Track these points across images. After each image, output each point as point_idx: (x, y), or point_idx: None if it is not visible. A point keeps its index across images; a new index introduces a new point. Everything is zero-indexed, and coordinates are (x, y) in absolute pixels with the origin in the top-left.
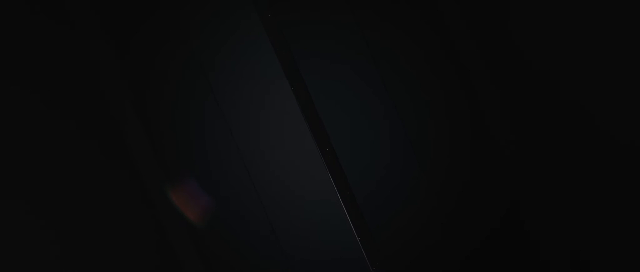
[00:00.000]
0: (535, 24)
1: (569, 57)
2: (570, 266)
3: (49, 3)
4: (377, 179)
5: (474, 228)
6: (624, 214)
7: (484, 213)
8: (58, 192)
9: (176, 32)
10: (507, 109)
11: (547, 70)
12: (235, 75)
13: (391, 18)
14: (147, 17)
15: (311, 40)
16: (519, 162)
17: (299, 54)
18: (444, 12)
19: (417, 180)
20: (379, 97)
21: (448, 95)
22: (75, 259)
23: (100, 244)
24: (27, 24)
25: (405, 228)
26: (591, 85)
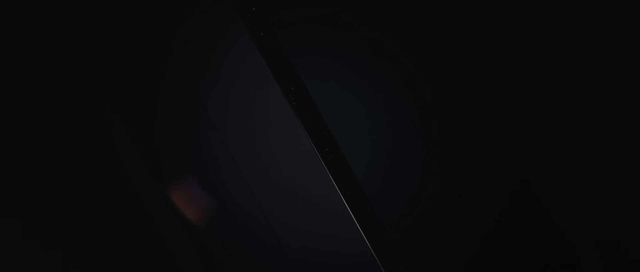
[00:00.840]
0: (536, 6)
1: (571, 35)
2: (596, 248)
3: (29, 27)
4: (384, 172)
5: (486, 215)
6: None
7: (495, 198)
8: (55, 211)
9: (163, 45)
10: (512, 91)
11: (548, 50)
12: (226, 84)
13: (388, 12)
14: (132, 32)
15: (308, 39)
16: (527, 144)
17: (296, 54)
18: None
19: (426, 170)
20: (381, 92)
21: (449, 83)
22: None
23: (100, 259)
24: (9, 50)
25: (418, 220)
26: (597, 62)
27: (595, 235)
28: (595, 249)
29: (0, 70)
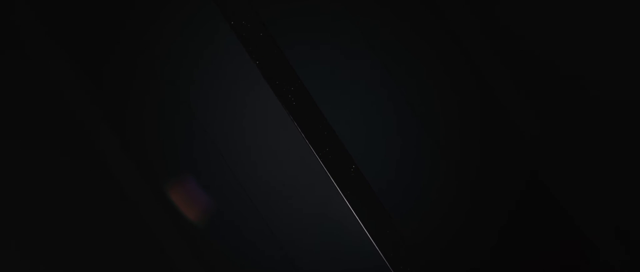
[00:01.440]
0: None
1: (576, 30)
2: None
3: (7, 34)
4: (393, 169)
5: (498, 208)
6: None
7: (506, 191)
8: (53, 213)
9: (146, 53)
10: (518, 82)
11: (550, 43)
12: (214, 88)
13: (385, 3)
14: (116, 37)
15: (304, 34)
16: (538, 136)
17: (292, 51)
18: None
19: (434, 165)
20: (384, 86)
21: (453, 76)
22: None
23: (99, 262)
24: None
25: (429, 217)
26: (601, 57)
27: (613, 225)
28: (614, 238)
29: None
